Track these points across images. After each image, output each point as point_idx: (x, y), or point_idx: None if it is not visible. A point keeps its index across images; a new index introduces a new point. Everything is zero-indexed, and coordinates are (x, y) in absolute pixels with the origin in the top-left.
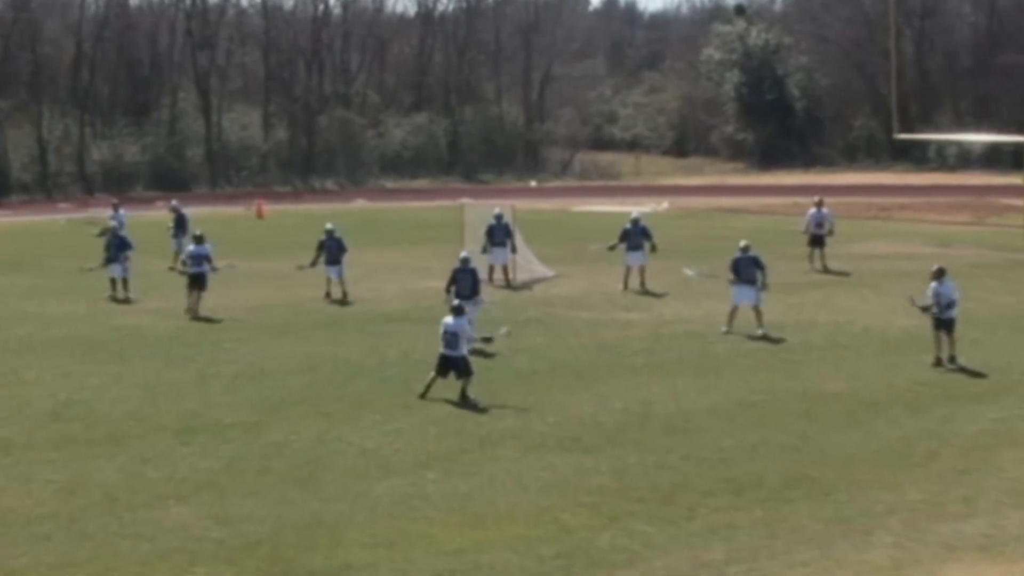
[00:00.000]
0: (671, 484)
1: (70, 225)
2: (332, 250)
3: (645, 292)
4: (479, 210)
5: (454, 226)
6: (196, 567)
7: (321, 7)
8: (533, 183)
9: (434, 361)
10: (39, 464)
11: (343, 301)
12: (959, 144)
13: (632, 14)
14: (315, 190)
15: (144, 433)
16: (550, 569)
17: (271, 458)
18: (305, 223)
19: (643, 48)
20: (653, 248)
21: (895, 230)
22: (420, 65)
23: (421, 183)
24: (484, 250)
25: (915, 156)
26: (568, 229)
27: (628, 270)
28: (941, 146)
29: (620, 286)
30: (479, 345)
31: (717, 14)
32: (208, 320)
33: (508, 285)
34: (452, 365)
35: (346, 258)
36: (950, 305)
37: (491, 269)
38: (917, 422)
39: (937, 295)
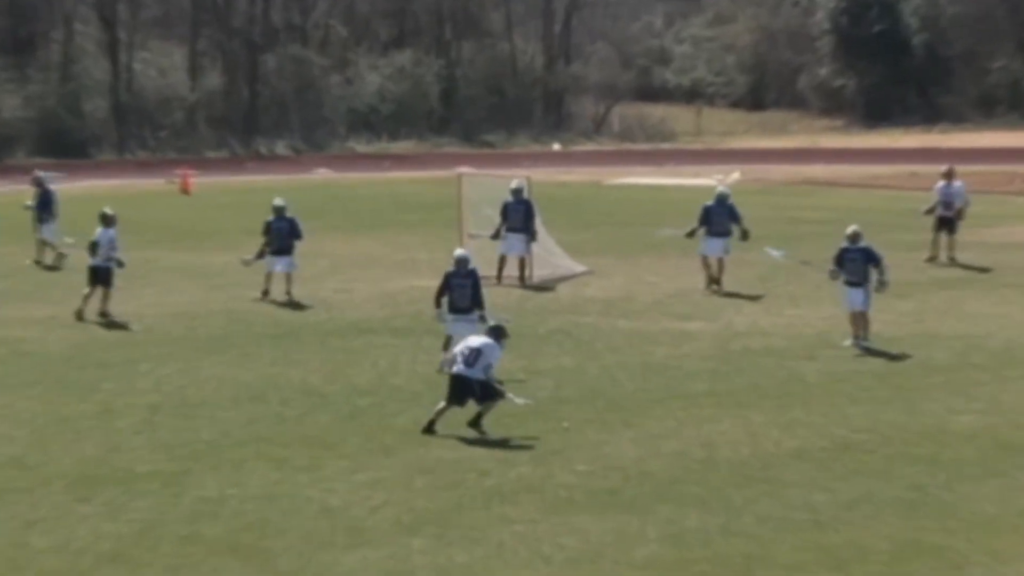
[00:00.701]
0: (744, 555)
1: None
2: (282, 235)
3: (718, 292)
4: (483, 183)
5: (448, 205)
6: None
7: None
8: (556, 146)
9: (431, 385)
10: None
11: (290, 304)
12: None
13: None
14: (261, 156)
15: (30, 487)
16: None
17: (201, 520)
18: (246, 200)
19: None
20: (744, 235)
21: None
22: None
23: (404, 146)
24: (495, 235)
25: None
26: (603, 208)
27: (707, 262)
28: None
29: (701, 284)
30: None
31: None
32: (117, 327)
33: (523, 284)
34: (468, 390)
35: (299, 247)
36: None
37: (501, 261)
38: None
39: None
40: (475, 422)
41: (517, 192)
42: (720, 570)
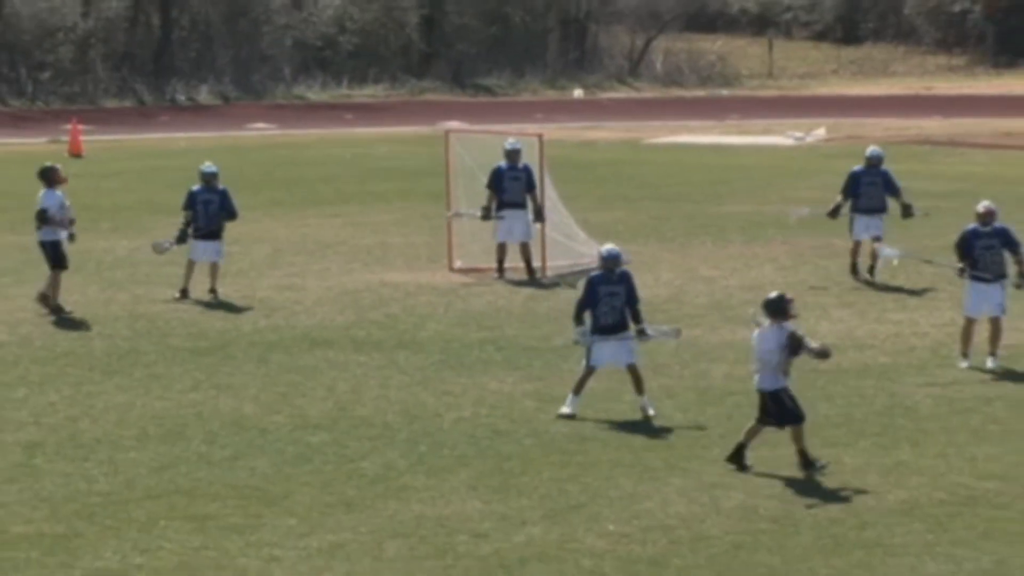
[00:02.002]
0: None
1: None
2: (209, 212)
3: (872, 285)
4: (479, 143)
5: (433, 172)
6: None
7: None
8: (578, 92)
9: (408, 416)
10: None
11: (218, 306)
12: None
13: None
14: (176, 105)
15: None
16: None
17: None
18: (157, 166)
19: None
20: (906, 211)
21: None
22: None
23: (372, 93)
24: (485, 214)
25: None
26: (643, 177)
27: (858, 246)
28: None
29: (848, 273)
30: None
31: None
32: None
33: (532, 279)
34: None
35: (230, 229)
36: None
37: (500, 250)
38: None
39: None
40: (802, 461)
41: (513, 154)
42: None
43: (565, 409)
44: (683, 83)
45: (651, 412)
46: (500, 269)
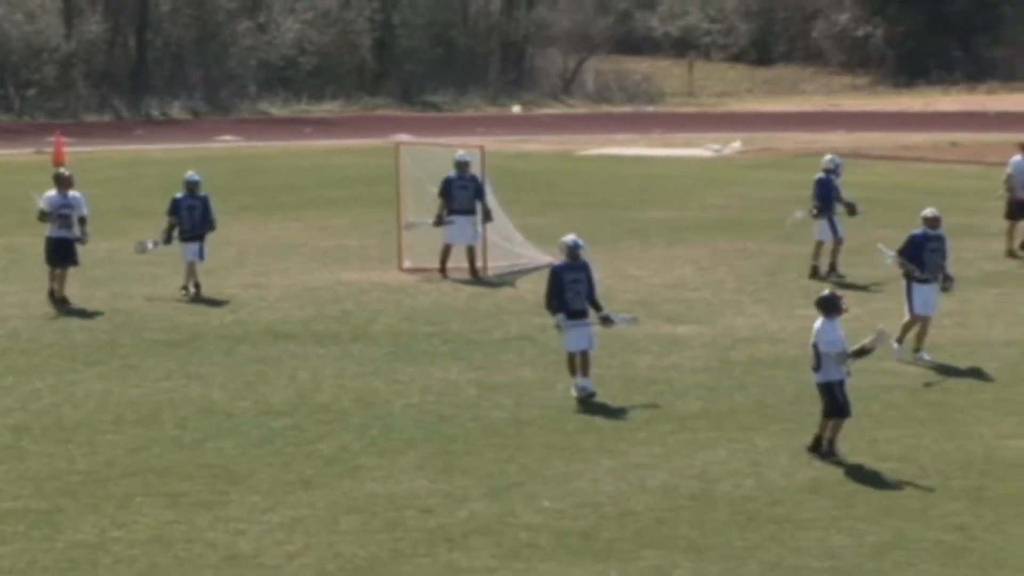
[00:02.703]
0: None
1: None
2: (194, 216)
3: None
4: (426, 155)
5: (384, 180)
6: None
7: None
8: (516, 109)
9: (362, 403)
10: None
11: (191, 302)
12: None
13: None
14: (151, 120)
15: None
16: None
17: (78, 570)
18: (135, 175)
19: None
20: (851, 210)
21: None
22: None
23: (329, 108)
24: (437, 221)
25: None
26: (575, 185)
27: (819, 247)
28: None
29: (809, 270)
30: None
31: None
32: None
33: (475, 277)
34: (823, 398)
35: (210, 233)
36: None
37: (446, 251)
38: None
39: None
40: (829, 444)
41: (463, 165)
42: None
43: (574, 392)
44: (611, 100)
45: (590, 388)
46: (443, 269)
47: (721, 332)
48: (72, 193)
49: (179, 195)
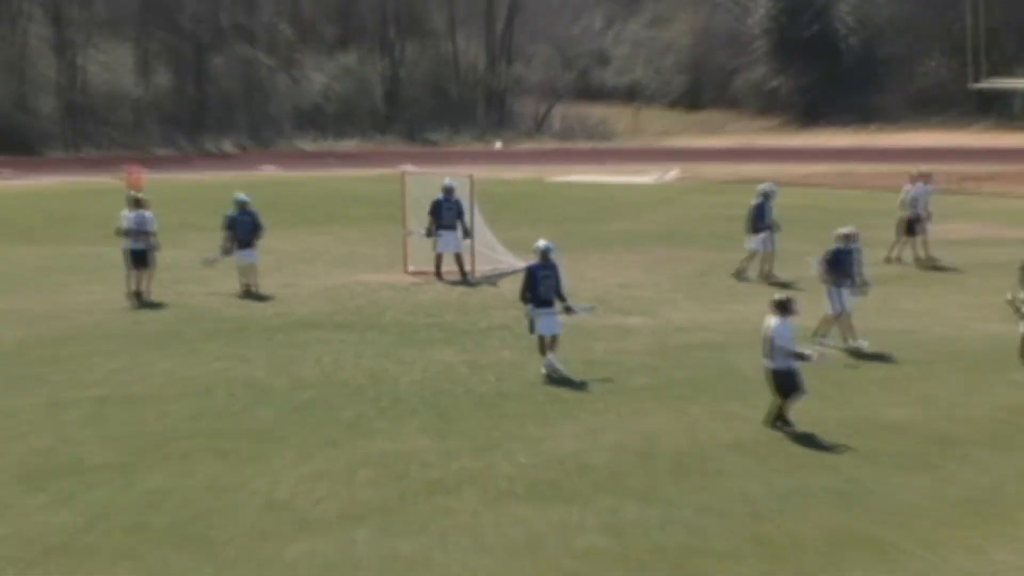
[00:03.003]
0: (681, 546)
1: None
2: (246, 228)
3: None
4: (426, 181)
5: (392, 202)
6: None
7: None
8: (498, 145)
9: (375, 379)
10: None
11: (245, 297)
12: None
13: None
14: (208, 153)
15: None
16: None
17: (149, 511)
18: (194, 196)
19: None
20: (775, 228)
21: (979, 208)
22: None
23: (349, 144)
24: (428, 233)
25: (1002, 110)
26: (545, 206)
27: (751, 256)
28: None
29: (735, 273)
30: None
31: None
32: (153, 306)
33: (464, 279)
34: (775, 383)
35: (261, 242)
36: None
37: (438, 259)
38: (1007, 462)
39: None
40: (782, 419)
41: (449, 191)
42: (658, 560)
43: (543, 369)
44: (574, 138)
45: (560, 368)
46: (438, 272)
47: (662, 323)
48: (145, 212)
49: (232, 213)
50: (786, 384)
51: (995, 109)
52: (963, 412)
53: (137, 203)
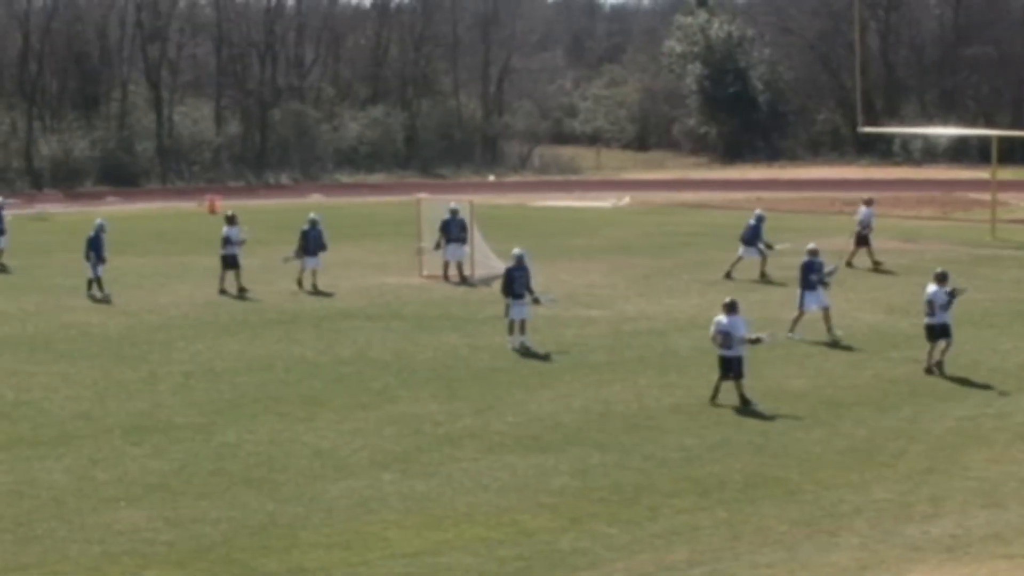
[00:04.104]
0: (633, 485)
1: None
2: (315, 240)
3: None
4: (436, 205)
5: (411, 221)
6: (146, 571)
7: None
8: (491, 178)
9: (399, 356)
10: None
11: (316, 291)
12: (925, 138)
13: (592, 6)
14: (269, 185)
15: (93, 434)
16: (510, 572)
17: (224, 459)
18: (259, 218)
19: (603, 40)
20: (769, 246)
21: None
22: (376, 58)
23: (377, 178)
24: (437, 246)
25: (880, 150)
26: (527, 224)
27: (739, 261)
28: (907, 140)
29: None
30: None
31: (679, 6)
32: (243, 298)
33: (464, 281)
34: (728, 366)
35: (324, 253)
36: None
37: (446, 265)
38: (883, 421)
39: (931, 299)
40: (742, 400)
41: (454, 212)
42: (615, 496)
43: (509, 346)
44: (550, 172)
45: (530, 345)
46: (446, 276)
47: (617, 314)
48: (234, 227)
49: (305, 227)
50: (738, 368)
51: (874, 149)
52: (848, 381)
53: (230, 220)
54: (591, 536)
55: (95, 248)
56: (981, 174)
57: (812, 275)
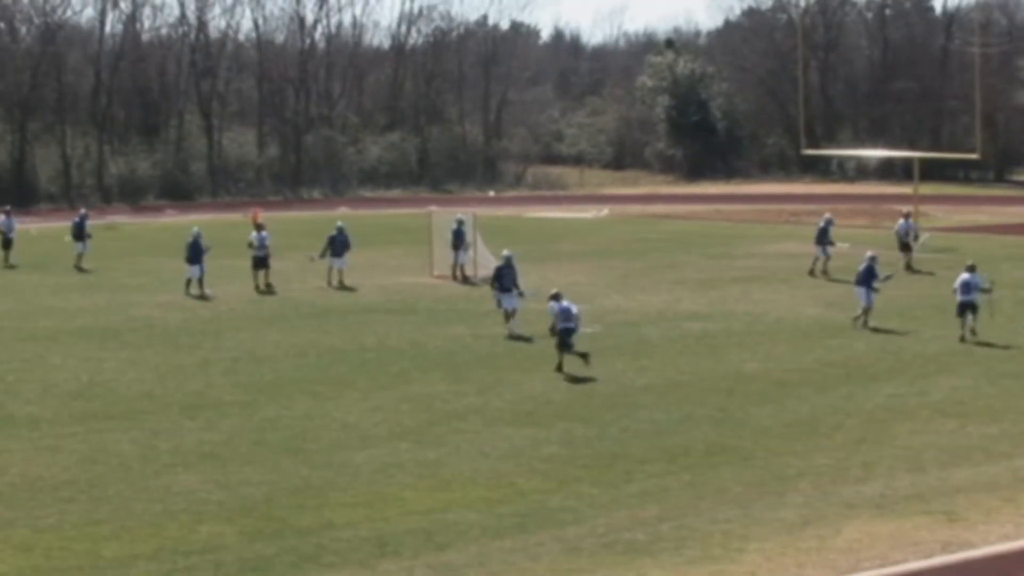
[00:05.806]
0: (612, 453)
1: (40, 234)
2: (341, 244)
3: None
4: (445, 216)
5: (423, 230)
6: (201, 525)
7: (307, 41)
8: (491, 193)
9: (414, 345)
10: (64, 437)
11: (342, 287)
12: (858, 159)
13: (577, 46)
14: (303, 199)
15: (155, 410)
16: (507, 527)
17: (265, 431)
18: (294, 227)
19: (586, 76)
20: (831, 243)
21: (803, 233)
22: (393, 91)
23: (394, 193)
24: (454, 247)
25: (820, 169)
26: (522, 232)
27: (816, 260)
28: (842, 160)
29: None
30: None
31: (650, 47)
32: (223, 305)
33: (468, 281)
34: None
35: (348, 254)
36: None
37: (454, 267)
38: (823, 398)
39: (965, 283)
40: (584, 357)
41: (461, 222)
42: (597, 462)
43: (505, 331)
44: (541, 188)
45: (519, 332)
46: (454, 276)
47: (597, 308)
48: (263, 232)
49: (333, 232)
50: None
51: (815, 169)
52: (794, 365)
53: (259, 227)
54: (576, 496)
55: (194, 252)
56: (905, 189)
57: (871, 279)
